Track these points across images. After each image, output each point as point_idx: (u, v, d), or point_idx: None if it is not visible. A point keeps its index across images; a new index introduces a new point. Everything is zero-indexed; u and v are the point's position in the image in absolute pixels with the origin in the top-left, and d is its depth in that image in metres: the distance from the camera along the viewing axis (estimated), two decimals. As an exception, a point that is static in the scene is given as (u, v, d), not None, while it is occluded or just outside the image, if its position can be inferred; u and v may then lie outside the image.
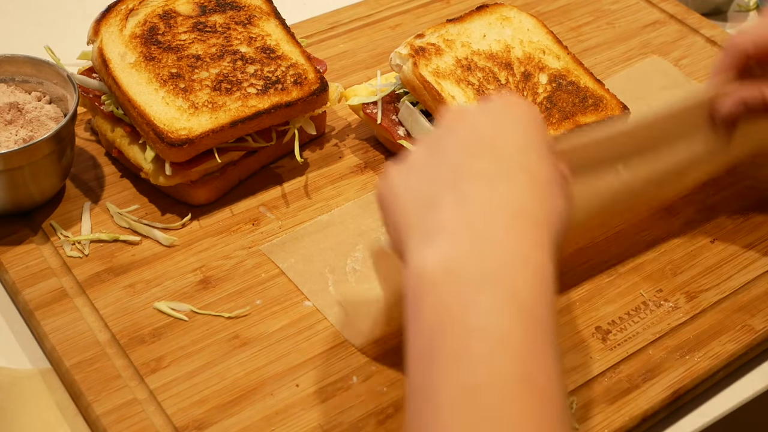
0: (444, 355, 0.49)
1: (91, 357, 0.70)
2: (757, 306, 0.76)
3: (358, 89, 0.88)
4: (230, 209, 0.82)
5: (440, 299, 0.51)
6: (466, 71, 0.84)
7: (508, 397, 0.47)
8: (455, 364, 0.49)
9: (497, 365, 0.48)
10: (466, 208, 0.54)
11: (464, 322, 0.50)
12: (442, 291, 0.51)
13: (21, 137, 0.77)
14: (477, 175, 0.56)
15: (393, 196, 0.58)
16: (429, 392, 0.49)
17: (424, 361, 0.50)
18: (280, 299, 0.75)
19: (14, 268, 0.75)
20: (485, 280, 0.51)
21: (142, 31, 0.84)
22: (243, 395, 0.68)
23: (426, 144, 0.60)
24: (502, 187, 0.55)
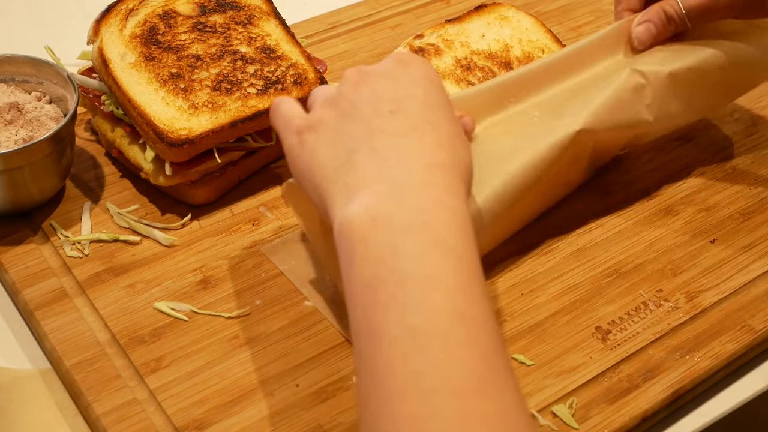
0: (382, 301, 0.52)
1: (91, 357, 0.70)
2: (757, 306, 0.76)
3: None
4: (230, 209, 0.82)
5: (371, 249, 0.54)
6: (465, 71, 0.84)
7: (445, 332, 0.51)
8: (393, 307, 0.52)
9: (431, 304, 0.52)
10: (381, 162, 0.58)
11: (396, 269, 0.53)
12: (370, 241, 0.54)
13: (21, 137, 0.77)
14: (386, 131, 0.60)
15: (310, 156, 0.62)
16: (372, 335, 0.52)
17: (365, 307, 0.53)
18: (280, 299, 0.75)
19: (14, 268, 0.76)
20: (410, 227, 0.54)
21: (142, 31, 0.84)
22: (243, 395, 0.68)
23: (331, 104, 0.63)
24: (412, 141, 0.60)
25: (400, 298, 0.52)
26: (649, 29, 0.81)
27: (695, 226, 0.83)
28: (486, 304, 0.54)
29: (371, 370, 0.52)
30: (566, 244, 0.81)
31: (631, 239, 0.82)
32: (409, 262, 0.53)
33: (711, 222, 0.83)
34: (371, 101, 0.62)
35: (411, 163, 0.58)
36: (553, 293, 0.76)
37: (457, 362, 0.50)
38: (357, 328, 0.54)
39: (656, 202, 0.85)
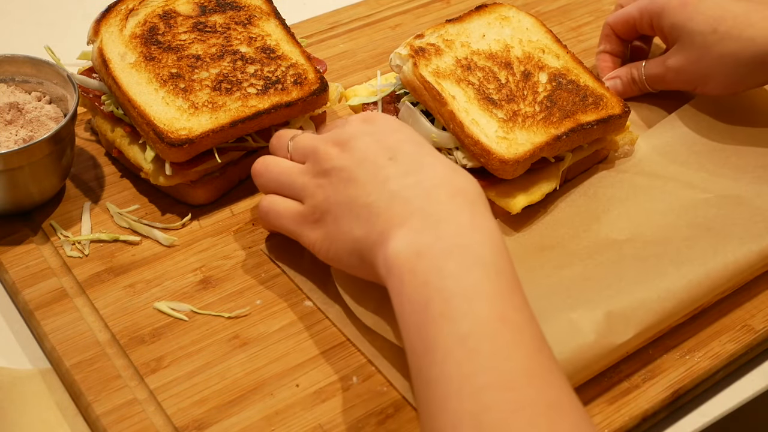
0: (432, 317, 0.58)
1: (91, 357, 0.70)
2: (757, 306, 0.76)
3: (358, 89, 0.88)
4: (230, 209, 0.82)
5: (418, 276, 0.60)
6: (466, 71, 0.84)
7: (491, 334, 0.57)
8: (443, 321, 0.57)
9: (476, 313, 0.57)
10: (405, 202, 0.64)
11: (442, 288, 0.59)
12: (417, 270, 0.60)
13: (21, 137, 0.77)
14: (396, 175, 0.66)
15: (336, 241, 0.68)
16: (427, 349, 0.57)
17: (418, 326, 0.58)
18: (280, 299, 0.75)
19: (14, 268, 0.75)
20: (450, 252, 0.60)
21: (142, 31, 0.84)
22: (243, 395, 0.68)
23: (325, 182, 0.69)
24: (426, 175, 0.65)
25: (449, 312, 0.58)
26: (615, 85, 0.93)
27: (695, 226, 0.83)
28: (526, 309, 0.59)
29: (429, 381, 0.57)
30: (566, 244, 0.81)
31: (631, 239, 0.81)
32: (453, 280, 0.59)
33: (711, 222, 0.83)
34: (365, 159, 0.68)
35: (435, 194, 0.64)
36: (553, 293, 0.76)
37: (506, 360, 0.56)
38: (412, 347, 0.59)
39: (656, 202, 0.85)
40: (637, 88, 0.93)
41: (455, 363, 0.56)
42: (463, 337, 0.56)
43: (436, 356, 0.57)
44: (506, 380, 0.55)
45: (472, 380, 0.55)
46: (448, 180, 0.65)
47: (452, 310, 0.58)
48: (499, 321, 0.57)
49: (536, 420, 0.53)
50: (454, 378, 0.55)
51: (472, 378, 0.55)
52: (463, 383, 0.55)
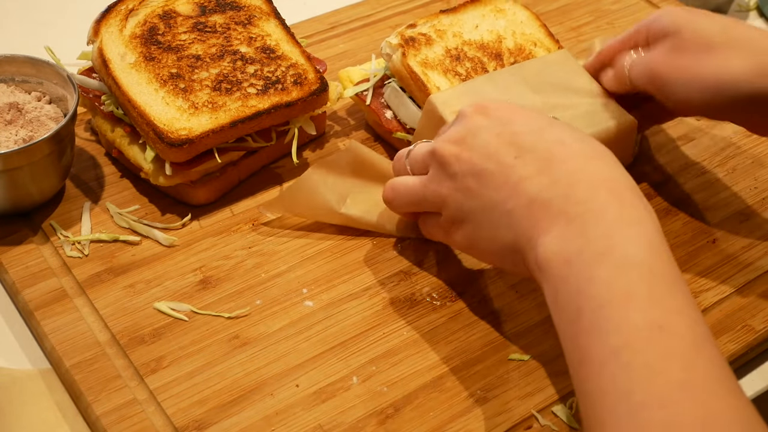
0: (585, 328, 0.55)
1: (91, 357, 0.70)
2: (757, 306, 0.76)
3: (352, 71, 0.89)
4: (230, 209, 0.82)
5: (569, 285, 0.57)
6: (454, 61, 0.84)
7: (643, 347, 0.53)
8: (595, 332, 0.55)
9: (629, 322, 0.54)
10: (548, 205, 0.61)
11: (593, 296, 0.56)
12: (569, 279, 0.57)
13: (21, 137, 0.77)
14: (528, 176, 0.62)
15: (477, 240, 0.67)
16: (582, 361, 0.55)
17: (572, 337, 0.57)
18: (280, 299, 0.75)
19: (14, 268, 0.75)
20: (600, 255, 0.57)
21: (142, 31, 0.84)
22: (243, 395, 0.68)
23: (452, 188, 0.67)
24: (561, 169, 0.62)
25: (600, 323, 0.55)
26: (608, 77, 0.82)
27: (695, 226, 0.83)
28: (687, 308, 0.55)
29: (586, 394, 0.55)
30: (566, 244, 0.81)
31: (631, 239, 0.81)
32: (603, 288, 0.56)
33: (711, 222, 0.83)
34: (489, 158, 0.64)
35: (575, 193, 0.60)
36: (553, 293, 0.76)
37: (659, 374, 0.52)
38: (569, 358, 0.57)
39: (656, 202, 0.85)
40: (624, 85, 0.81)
41: (610, 378, 0.53)
42: (616, 351, 0.53)
43: (591, 369, 0.54)
44: (660, 397, 0.51)
45: (628, 398, 0.52)
46: (585, 171, 0.61)
47: (604, 320, 0.55)
48: (654, 329, 0.53)
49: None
50: (610, 394, 0.52)
51: (629, 396, 0.52)
52: (618, 401, 0.52)
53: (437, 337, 0.73)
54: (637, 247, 0.57)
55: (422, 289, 0.76)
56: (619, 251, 0.57)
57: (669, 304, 0.55)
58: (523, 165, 0.63)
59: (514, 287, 0.77)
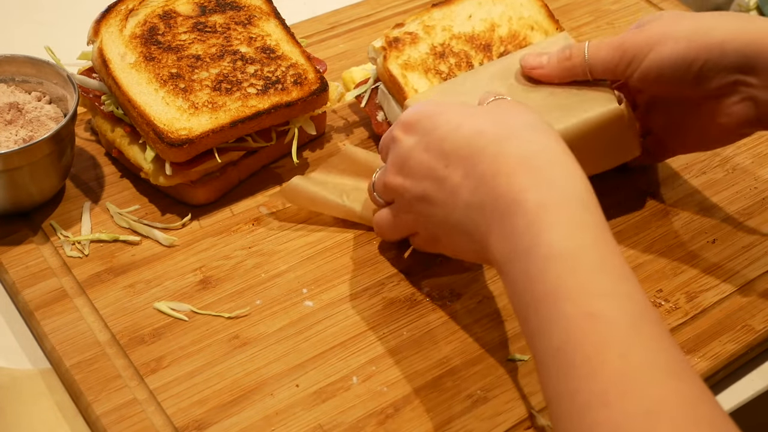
0: (532, 330, 0.55)
1: (91, 357, 0.70)
2: (757, 306, 0.76)
3: (355, 72, 0.90)
4: (230, 209, 0.82)
5: (517, 284, 0.57)
6: (438, 59, 0.84)
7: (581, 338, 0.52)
8: (539, 334, 0.55)
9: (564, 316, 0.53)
10: (481, 208, 0.61)
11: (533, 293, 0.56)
12: (515, 278, 0.58)
13: (21, 137, 0.77)
14: (462, 176, 0.63)
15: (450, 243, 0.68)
16: (538, 364, 0.55)
17: (528, 339, 0.56)
18: (280, 299, 0.75)
19: (14, 268, 0.75)
20: (528, 253, 0.57)
21: (142, 31, 0.84)
22: (243, 395, 0.68)
23: (411, 190, 0.68)
24: (482, 166, 0.62)
25: (542, 323, 0.54)
26: (539, 57, 0.78)
27: (695, 226, 0.83)
28: (617, 287, 0.54)
29: (547, 400, 0.54)
30: (566, 244, 0.81)
31: (630, 239, 0.81)
32: (538, 284, 0.56)
33: (711, 222, 0.83)
34: (426, 177, 0.66)
35: (498, 186, 0.60)
36: (553, 293, 0.76)
37: (599, 367, 0.51)
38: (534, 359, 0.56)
39: (656, 202, 0.85)
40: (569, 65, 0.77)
41: (558, 380, 0.52)
42: (557, 350, 0.53)
43: (544, 373, 0.54)
44: (602, 394, 0.50)
45: (573, 399, 0.51)
46: (503, 156, 0.60)
47: (545, 319, 0.54)
48: (587, 318, 0.52)
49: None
50: (561, 398, 0.52)
51: (573, 397, 0.51)
52: (568, 404, 0.51)
53: (437, 337, 0.73)
54: (558, 232, 0.56)
55: (422, 289, 0.76)
56: (544, 241, 0.56)
57: (597, 287, 0.54)
58: (453, 171, 0.63)
59: (514, 287, 0.77)
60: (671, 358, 0.52)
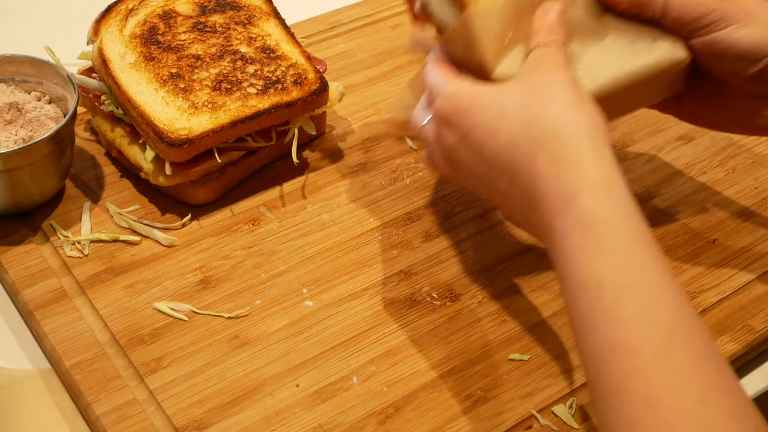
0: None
1: (91, 357, 0.69)
2: (757, 306, 0.76)
3: None
4: (230, 209, 0.82)
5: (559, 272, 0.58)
6: None
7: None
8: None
9: (577, 305, 0.55)
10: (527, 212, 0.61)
11: (568, 280, 0.57)
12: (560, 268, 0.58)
13: (21, 137, 0.77)
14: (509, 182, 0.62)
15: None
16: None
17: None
18: (280, 299, 0.75)
19: (14, 268, 0.75)
20: (563, 247, 0.57)
21: (142, 31, 0.84)
22: (243, 395, 0.68)
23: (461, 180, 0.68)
24: (523, 174, 0.61)
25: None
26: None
27: (695, 226, 0.83)
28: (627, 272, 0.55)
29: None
30: (566, 244, 0.81)
31: (631, 239, 0.81)
32: (575, 272, 0.56)
33: (711, 222, 0.83)
34: (473, 176, 0.65)
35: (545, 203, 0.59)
36: (553, 293, 0.76)
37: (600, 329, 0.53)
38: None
39: (656, 203, 0.85)
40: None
41: (597, 406, 0.53)
42: (594, 380, 0.54)
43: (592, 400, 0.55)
44: (629, 427, 0.51)
45: (608, 426, 0.52)
46: (536, 183, 0.59)
47: (581, 349, 0.56)
48: (610, 350, 0.53)
49: None
50: (601, 423, 0.53)
51: (607, 424, 0.52)
52: (605, 430, 0.52)
53: (437, 337, 0.73)
54: (580, 260, 0.56)
55: (422, 289, 0.76)
56: (572, 271, 0.56)
57: (621, 315, 0.54)
58: (500, 178, 0.63)
59: (515, 287, 0.77)
60: (704, 380, 0.51)
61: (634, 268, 0.55)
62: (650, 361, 0.51)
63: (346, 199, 0.84)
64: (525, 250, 0.80)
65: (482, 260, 0.79)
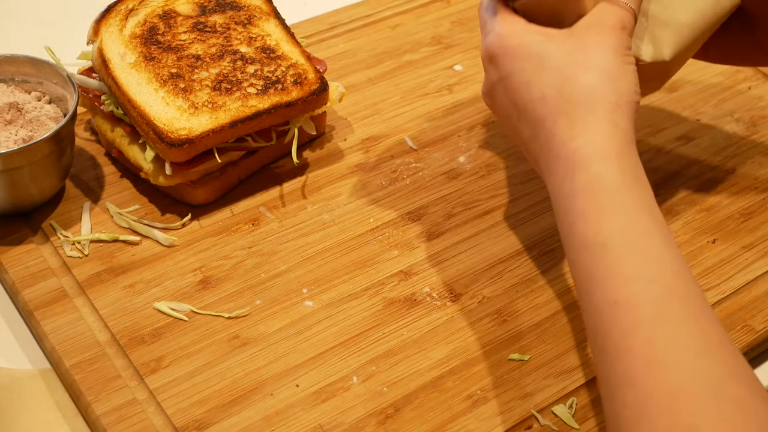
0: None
1: (91, 357, 0.70)
2: (757, 306, 0.76)
3: None
4: (230, 209, 0.82)
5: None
6: None
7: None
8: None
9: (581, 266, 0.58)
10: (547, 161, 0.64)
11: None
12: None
13: (21, 137, 0.77)
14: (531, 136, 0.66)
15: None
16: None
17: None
18: (280, 299, 0.75)
19: (14, 268, 0.75)
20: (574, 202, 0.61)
21: (142, 31, 0.84)
22: (243, 395, 0.68)
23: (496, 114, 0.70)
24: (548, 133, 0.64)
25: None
26: None
27: (695, 226, 0.83)
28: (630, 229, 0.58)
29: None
30: (566, 244, 0.81)
31: (631, 239, 0.81)
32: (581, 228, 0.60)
33: (711, 222, 0.83)
34: (504, 117, 0.68)
35: (558, 161, 0.62)
36: (553, 293, 0.76)
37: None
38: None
39: (656, 202, 0.85)
40: None
41: (596, 361, 0.56)
42: (594, 335, 0.56)
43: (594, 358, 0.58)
44: (628, 379, 0.53)
45: (609, 381, 0.54)
46: (552, 143, 0.63)
47: (583, 305, 0.58)
48: (612, 307, 0.55)
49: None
50: (601, 378, 0.56)
51: (609, 378, 0.55)
52: (605, 386, 0.55)
53: (437, 337, 0.73)
54: (588, 221, 0.59)
55: (422, 289, 0.76)
56: (576, 232, 0.59)
57: (623, 274, 0.56)
58: (524, 127, 0.66)
59: (515, 287, 0.77)
60: (701, 336, 0.53)
61: (636, 232, 0.57)
62: (650, 317, 0.53)
63: (346, 199, 0.84)
64: (525, 250, 0.80)
65: (482, 260, 0.79)
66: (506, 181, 0.86)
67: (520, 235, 0.81)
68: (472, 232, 0.81)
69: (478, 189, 0.85)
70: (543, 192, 0.85)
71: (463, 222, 0.82)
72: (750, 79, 0.99)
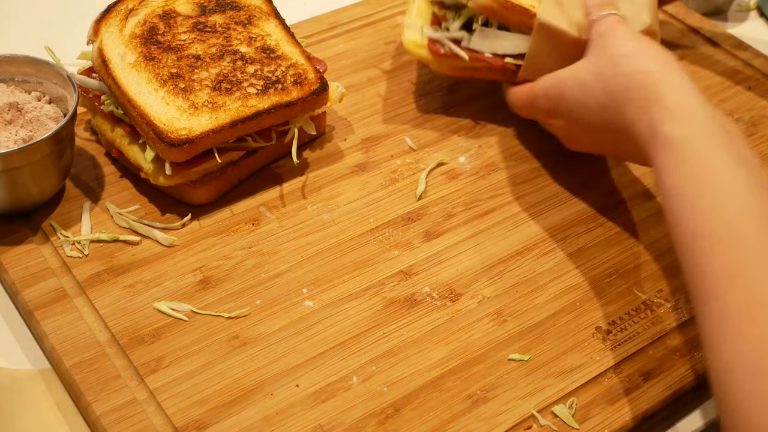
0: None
1: (91, 357, 0.70)
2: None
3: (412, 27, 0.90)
4: (230, 209, 0.82)
5: None
6: None
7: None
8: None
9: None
10: None
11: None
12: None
13: (21, 137, 0.77)
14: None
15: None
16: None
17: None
18: (280, 299, 0.75)
19: (14, 268, 0.75)
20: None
21: (142, 31, 0.84)
22: (243, 395, 0.68)
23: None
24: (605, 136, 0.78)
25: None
26: None
27: (695, 226, 0.83)
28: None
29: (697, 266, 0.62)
30: (566, 244, 0.81)
31: (631, 239, 0.82)
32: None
33: (711, 222, 0.83)
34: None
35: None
36: (553, 293, 0.77)
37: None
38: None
39: (656, 202, 0.85)
40: None
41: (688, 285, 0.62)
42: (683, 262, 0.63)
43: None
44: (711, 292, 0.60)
45: (698, 297, 0.61)
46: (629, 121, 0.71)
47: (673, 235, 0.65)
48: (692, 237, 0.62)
49: None
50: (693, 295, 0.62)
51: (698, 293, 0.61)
52: (696, 302, 0.61)
53: (437, 337, 0.73)
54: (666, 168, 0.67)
55: (422, 289, 0.76)
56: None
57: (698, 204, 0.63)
58: (605, 138, 0.77)
59: (515, 287, 0.77)
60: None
61: (707, 171, 0.64)
62: (726, 239, 0.60)
63: (346, 199, 0.84)
64: (525, 250, 0.80)
65: (482, 260, 0.79)
66: (506, 181, 0.87)
67: (520, 235, 0.81)
68: (472, 232, 0.82)
69: (478, 189, 0.85)
70: (543, 192, 0.86)
71: (463, 222, 0.82)
72: (750, 79, 0.99)
